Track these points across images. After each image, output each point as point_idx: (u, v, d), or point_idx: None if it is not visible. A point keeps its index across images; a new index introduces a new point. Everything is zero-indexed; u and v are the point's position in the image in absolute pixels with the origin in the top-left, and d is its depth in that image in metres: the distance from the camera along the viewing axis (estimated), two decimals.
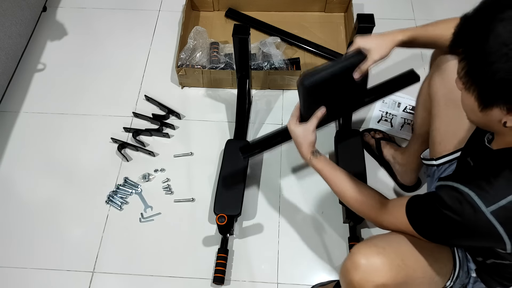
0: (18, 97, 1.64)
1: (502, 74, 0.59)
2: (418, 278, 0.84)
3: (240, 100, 1.47)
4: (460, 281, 0.93)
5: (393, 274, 0.79)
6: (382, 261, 0.80)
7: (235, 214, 1.28)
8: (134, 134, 1.51)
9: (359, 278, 0.80)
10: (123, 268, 1.30)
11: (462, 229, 0.69)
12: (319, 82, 0.93)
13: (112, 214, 1.39)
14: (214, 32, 1.75)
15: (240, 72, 1.44)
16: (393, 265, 0.80)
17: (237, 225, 1.36)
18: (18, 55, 1.71)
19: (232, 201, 1.29)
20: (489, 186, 0.66)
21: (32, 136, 1.55)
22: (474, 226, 0.67)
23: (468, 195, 0.66)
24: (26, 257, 1.32)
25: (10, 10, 1.58)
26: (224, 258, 1.26)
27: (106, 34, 1.82)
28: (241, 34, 1.28)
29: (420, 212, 0.78)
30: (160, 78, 1.69)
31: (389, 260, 0.80)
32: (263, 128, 1.55)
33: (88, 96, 1.65)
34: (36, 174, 1.47)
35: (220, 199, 1.30)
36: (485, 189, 0.66)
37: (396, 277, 0.80)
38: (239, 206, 1.28)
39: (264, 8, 1.81)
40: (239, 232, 1.35)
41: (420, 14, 1.86)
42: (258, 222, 1.37)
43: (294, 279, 1.28)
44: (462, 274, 0.92)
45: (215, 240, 1.34)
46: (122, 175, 1.46)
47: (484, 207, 0.65)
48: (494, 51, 0.59)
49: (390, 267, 0.80)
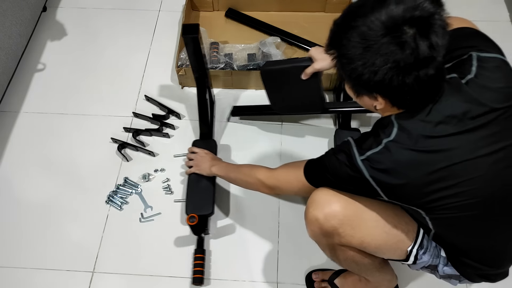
0: (18, 97, 1.64)
1: (360, 70, 0.73)
2: (371, 219, 0.90)
3: (201, 101, 1.46)
4: (428, 255, 0.92)
5: (342, 205, 0.89)
6: (334, 196, 0.91)
7: (207, 214, 1.29)
8: (134, 134, 1.51)
9: (312, 210, 0.91)
10: (123, 268, 1.30)
11: (342, 179, 0.87)
12: (273, 71, 1.21)
13: (112, 214, 1.39)
14: (214, 32, 1.75)
15: (197, 73, 1.41)
16: (344, 199, 0.90)
17: (237, 224, 1.37)
18: (18, 55, 1.71)
19: (204, 200, 1.31)
20: (363, 141, 0.83)
21: (32, 136, 1.55)
22: (350, 176, 0.83)
23: (351, 147, 0.83)
24: (26, 257, 1.32)
25: (10, 10, 1.58)
26: (201, 258, 1.26)
27: (106, 34, 1.82)
28: (191, 34, 1.25)
29: (312, 173, 0.96)
30: (160, 78, 1.69)
31: (340, 196, 0.90)
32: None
33: (88, 96, 1.65)
34: (36, 174, 1.47)
35: (191, 199, 1.31)
36: (360, 143, 0.83)
37: (345, 209, 0.89)
38: (211, 206, 1.30)
39: (264, 8, 1.81)
40: (240, 232, 1.35)
41: None
42: (258, 221, 1.37)
43: (294, 279, 1.28)
44: (429, 247, 0.92)
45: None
46: (122, 175, 1.46)
47: (358, 155, 0.81)
48: (351, 53, 0.73)
49: (340, 200, 0.90)
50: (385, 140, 0.79)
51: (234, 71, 1.58)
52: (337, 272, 1.23)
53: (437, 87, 0.77)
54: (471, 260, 0.89)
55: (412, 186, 0.78)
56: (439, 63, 0.72)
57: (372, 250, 0.93)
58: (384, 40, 0.69)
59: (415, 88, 0.73)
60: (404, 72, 0.71)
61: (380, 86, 0.74)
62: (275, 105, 1.35)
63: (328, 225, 0.90)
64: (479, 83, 0.78)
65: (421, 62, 0.70)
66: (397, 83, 0.72)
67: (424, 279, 1.26)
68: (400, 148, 0.78)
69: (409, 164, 0.77)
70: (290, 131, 1.54)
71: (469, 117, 0.76)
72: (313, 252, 1.27)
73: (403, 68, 0.70)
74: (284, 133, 1.54)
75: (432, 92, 0.77)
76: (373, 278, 1.11)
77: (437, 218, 0.85)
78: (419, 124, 0.77)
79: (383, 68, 0.71)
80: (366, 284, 1.15)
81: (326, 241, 0.95)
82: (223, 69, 1.60)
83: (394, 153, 0.78)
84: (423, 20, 0.69)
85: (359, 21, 0.71)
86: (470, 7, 1.88)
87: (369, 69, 0.72)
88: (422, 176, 0.77)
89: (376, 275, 1.08)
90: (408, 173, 0.78)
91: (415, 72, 0.71)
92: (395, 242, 0.92)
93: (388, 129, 0.80)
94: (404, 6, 0.69)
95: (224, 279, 1.28)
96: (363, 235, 0.90)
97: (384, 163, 0.79)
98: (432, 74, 0.72)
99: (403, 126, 0.78)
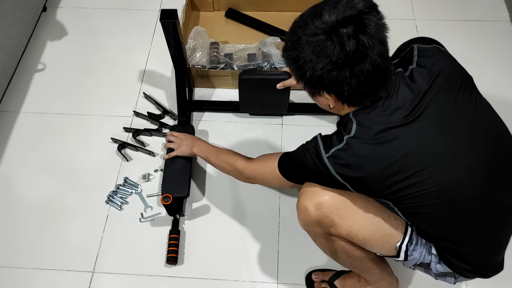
0: (18, 97, 1.64)
1: (303, 68, 0.81)
2: (358, 210, 0.93)
3: (179, 86, 1.51)
4: (419, 252, 0.92)
5: (330, 195, 0.93)
6: (323, 188, 0.93)
7: (182, 196, 1.33)
8: (134, 134, 1.51)
9: (302, 200, 0.95)
10: (123, 268, 1.30)
11: (312, 174, 0.92)
12: (252, 80, 1.37)
13: (112, 214, 1.39)
14: (214, 32, 1.75)
15: (175, 59, 1.45)
16: (333, 191, 0.93)
17: (238, 225, 1.37)
18: (18, 55, 1.71)
19: (179, 183, 1.34)
20: (329, 139, 0.88)
21: (32, 136, 1.55)
22: (319, 171, 0.88)
23: (318, 144, 0.88)
24: (26, 257, 1.32)
25: (10, 10, 1.58)
26: (176, 238, 1.30)
27: (106, 34, 1.82)
28: (168, 18, 1.27)
29: (286, 167, 0.99)
30: (160, 78, 1.69)
31: (329, 189, 0.93)
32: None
33: (88, 96, 1.65)
34: (36, 174, 1.47)
35: (167, 181, 1.35)
36: (326, 141, 0.88)
37: (333, 198, 0.92)
38: (186, 188, 1.34)
39: (264, 8, 1.81)
40: (240, 232, 1.36)
41: (420, 14, 1.86)
42: (258, 221, 1.37)
43: (294, 279, 1.28)
44: (419, 243, 0.93)
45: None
46: (122, 175, 1.46)
47: (324, 152, 0.86)
48: (293, 53, 0.82)
49: (329, 190, 0.93)
50: (346, 137, 0.84)
51: (234, 71, 1.58)
52: (337, 273, 1.23)
53: (380, 82, 0.82)
54: (454, 254, 0.89)
55: (374, 178, 0.83)
56: (378, 60, 0.78)
57: (360, 242, 0.95)
58: (320, 38, 0.77)
59: (355, 83, 0.80)
60: (338, 68, 0.78)
61: (322, 83, 0.81)
62: (245, 107, 1.52)
63: (317, 214, 0.93)
64: (420, 70, 0.86)
65: (352, 59, 0.77)
66: (335, 79, 0.79)
67: (425, 283, 1.26)
68: (360, 143, 0.83)
69: (368, 157, 0.82)
70: (291, 131, 1.54)
71: (415, 104, 0.82)
72: (313, 252, 1.27)
73: (336, 63, 0.77)
74: (284, 133, 1.54)
75: (376, 87, 0.82)
76: (372, 278, 1.11)
77: (405, 208, 0.88)
78: (376, 118, 0.83)
79: (320, 64, 0.79)
80: (365, 285, 1.15)
81: (315, 230, 0.98)
82: (223, 69, 1.60)
83: (354, 148, 0.83)
84: (353, 18, 0.76)
85: (301, 27, 0.80)
86: (470, 7, 1.88)
87: (309, 65, 0.80)
88: (382, 168, 0.82)
89: (374, 275, 1.08)
90: (369, 166, 0.83)
91: (348, 68, 0.78)
92: (383, 235, 0.93)
93: (348, 126, 0.85)
94: (338, 10, 0.76)
95: (224, 279, 1.28)
96: (351, 224, 0.93)
97: (345, 158, 0.84)
98: (369, 70, 0.78)
99: (361, 122, 0.84)
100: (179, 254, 1.31)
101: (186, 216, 1.38)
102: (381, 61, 0.79)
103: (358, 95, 0.82)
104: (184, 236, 1.35)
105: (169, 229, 1.34)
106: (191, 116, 1.58)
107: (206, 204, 1.41)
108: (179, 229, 1.34)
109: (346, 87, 0.81)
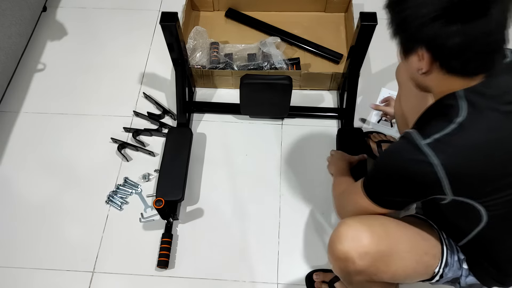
0: (18, 97, 1.64)
1: (410, 16, 0.69)
2: (403, 251, 0.85)
3: (179, 88, 1.50)
4: (452, 271, 0.90)
5: (375, 241, 0.81)
6: (365, 230, 0.82)
7: (176, 200, 1.32)
8: (134, 134, 1.51)
9: (342, 247, 0.82)
10: (123, 268, 1.30)
11: (403, 176, 0.76)
12: (254, 84, 1.36)
13: (112, 214, 1.39)
14: (214, 32, 1.75)
15: (176, 61, 1.45)
16: (376, 233, 0.82)
17: (238, 225, 1.37)
18: (18, 55, 1.71)
19: (174, 186, 1.34)
20: (424, 125, 0.74)
21: (32, 136, 1.55)
22: (408, 171, 0.74)
23: (409, 133, 0.75)
24: (26, 257, 1.32)
25: (10, 10, 1.58)
26: (168, 242, 1.30)
27: (106, 34, 1.82)
28: (169, 21, 1.27)
29: (371, 183, 0.86)
30: (160, 78, 1.69)
31: (372, 229, 0.83)
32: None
33: (88, 96, 1.65)
34: (36, 174, 1.47)
35: (162, 184, 1.35)
36: (421, 128, 0.74)
37: (378, 245, 0.82)
38: (181, 192, 1.33)
39: (264, 8, 1.81)
40: (240, 232, 1.35)
41: None
42: (258, 220, 1.37)
43: (294, 279, 1.28)
44: (452, 262, 0.90)
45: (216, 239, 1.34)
46: (122, 175, 1.46)
47: (421, 139, 0.71)
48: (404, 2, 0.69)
49: (372, 235, 0.82)
50: (457, 119, 0.69)
51: (234, 71, 1.58)
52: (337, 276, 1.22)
53: (489, 56, 0.69)
54: (493, 263, 0.86)
55: (490, 173, 0.70)
56: (495, 29, 0.66)
57: (401, 280, 0.90)
58: None
59: (461, 45, 0.66)
60: (449, 19, 0.65)
61: (427, 35, 0.68)
62: (246, 110, 1.51)
63: (361, 264, 0.82)
64: None
65: (467, 13, 0.64)
66: (443, 32, 0.66)
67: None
68: (475, 128, 0.69)
69: (488, 147, 0.69)
70: (291, 131, 1.54)
71: None
72: (313, 252, 1.27)
73: (449, 13, 0.65)
74: (284, 133, 1.54)
75: (482, 59, 0.69)
76: None
77: (496, 216, 0.78)
78: (488, 99, 0.70)
79: (425, 9, 0.66)
80: None
81: (355, 279, 0.87)
82: (223, 69, 1.60)
83: (469, 133, 0.69)
84: None
85: None
86: None
87: (419, 11, 0.67)
88: (501, 161, 0.70)
89: None
90: (488, 157, 0.69)
91: (460, 23, 0.65)
92: (424, 268, 0.88)
93: (455, 108, 0.70)
94: None
95: (224, 279, 1.28)
96: (396, 268, 0.85)
97: (457, 146, 0.69)
98: (478, 34, 0.65)
99: (473, 101, 0.70)
100: (178, 255, 1.31)
101: (186, 215, 1.38)
102: (498, 33, 0.67)
103: (463, 60, 0.68)
104: (184, 236, 1.35)
105: (162, 233, 1.33)
106: (191, 117, 1.58)
107: (206, 204, 1.41)
108: (172, 233, 1.33)
109: (452, 47, 0.67)
